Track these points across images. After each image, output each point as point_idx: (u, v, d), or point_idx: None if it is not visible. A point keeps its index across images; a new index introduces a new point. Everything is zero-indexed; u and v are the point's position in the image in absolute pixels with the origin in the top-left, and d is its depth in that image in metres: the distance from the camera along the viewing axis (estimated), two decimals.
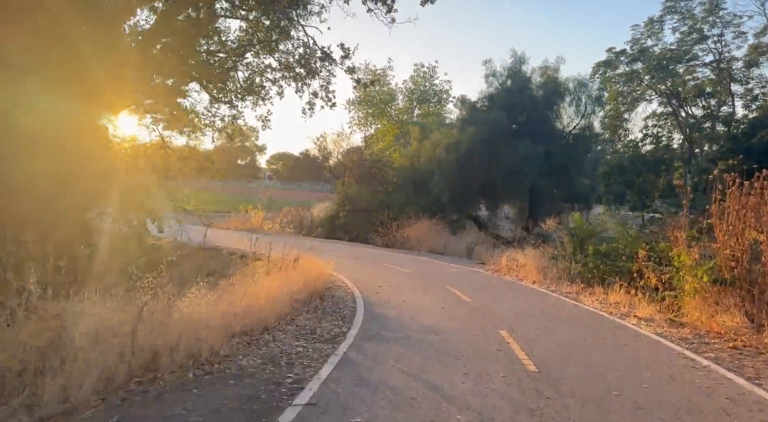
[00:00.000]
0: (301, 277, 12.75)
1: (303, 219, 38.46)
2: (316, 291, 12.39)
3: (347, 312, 10.96)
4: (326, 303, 11.89)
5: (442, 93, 44.91)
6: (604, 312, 12.13)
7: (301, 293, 11.50)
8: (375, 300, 12.61)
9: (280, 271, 13.16)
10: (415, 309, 11.54)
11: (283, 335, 8.39)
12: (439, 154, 33.02)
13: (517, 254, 19.77)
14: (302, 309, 10.62)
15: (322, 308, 11.17)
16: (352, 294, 13.19)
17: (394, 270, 18.68)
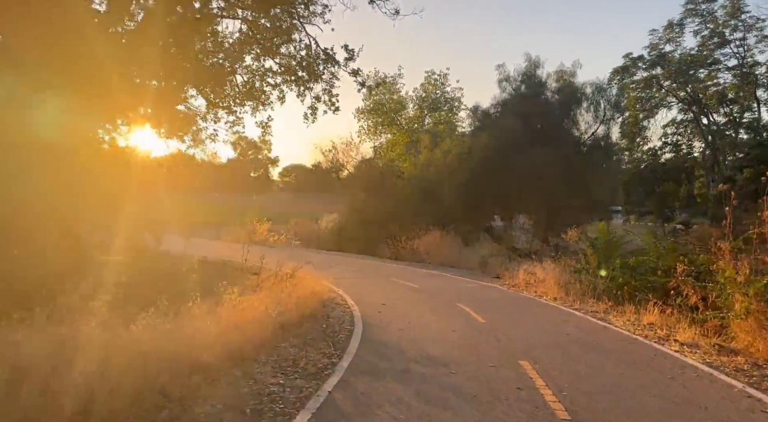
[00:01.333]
0: (293, 295, 11.37)
1: (310, 232, 37.21)
2: (309, 311, 10.98)
3: (342, 336, 9.52)
4: (319, 325, 10.45)
5: (454, 100, 43.60)
6: (638, 335, 10.57)
7: (291, 314, 10.09)
8: (376, 321, 11.17)
9: (272, 288, 11.80)
10: (421, 332, 10.08)
11: (259, 369, 6.96)
12: (451, 163, 31.61)
13: (536, 267, 18.21)
14: (289, 334, 9.19)
15: (313, 331, 9.74)
16: (351, 314, 11.76)
17: (400, 286, 17.23)
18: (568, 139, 33.02)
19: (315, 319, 10.71)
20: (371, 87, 19.71)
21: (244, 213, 41.34)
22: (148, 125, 21.88)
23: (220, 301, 8.84)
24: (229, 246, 32.30)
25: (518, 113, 31.54)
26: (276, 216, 42.59)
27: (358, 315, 11.63)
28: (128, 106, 19.25)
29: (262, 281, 13.11)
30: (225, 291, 9.05)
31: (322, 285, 15.96)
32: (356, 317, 11.36)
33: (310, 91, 20.40)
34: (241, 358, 7.11)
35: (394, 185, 34.16)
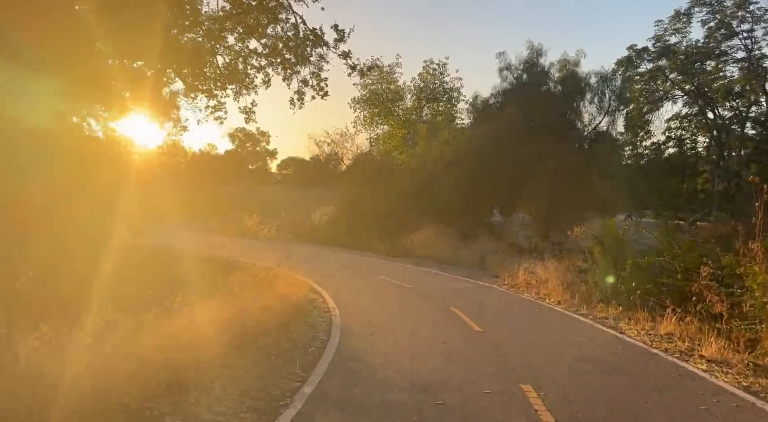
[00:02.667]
0: (266, 298, 10.02)
1: (304, 225, 35.80)
2: (281, 318, 9.60)
3: (314, 348, 8.16)
4: (290, 334, 9.07)
5: (453, 91, 42.05)
6: (657, 348, 9.22)
7: (258, 321, 8.73)
8: (357, 328, 9.80)
9: (243, 290, 10.43)
10: (408, 344, 8.71)
11: (197, 399, 5.58)
12: (448, 155, 30.26)
13: (537, 266, 16.86)
14: (250, 348, 7.81)
15: (280, 343, 8.36)
16: (330, 320, 10.39)
17: (391, 286, 15.87)
18: (571, 132, 31.70)
19: (286, 327, 9.33)
20: (363, 70, 18.22)
21: (237, 206, 40.00)
22: (131, 111, 20.63)
23: (169, 310, 7.49)
24: (215, 239, 30.91)
25: (519, 103, 30.16)
26: (271, 209, 41.23)
27: (337, 321, 10.26)
28: (106, 88, 17.98)
29: (232, 282, 11.75)
30: (177, 299, 7.66)
31: (303, 285, 14.62)
32: (335, 324, 9.98)
33: (297, 74, 18.99)
34: (176, 385, 5.72)
35: (389, 178, 32.76)
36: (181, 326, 6.84)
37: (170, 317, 6.84)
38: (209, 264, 16.70)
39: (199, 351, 6.58)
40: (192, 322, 7.12)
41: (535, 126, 30.61)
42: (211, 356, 6.70)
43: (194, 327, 7.09)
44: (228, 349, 7.20)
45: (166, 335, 6.28)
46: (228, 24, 18.17)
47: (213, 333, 7.18)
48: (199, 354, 6.50)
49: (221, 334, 7.31)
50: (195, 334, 6.95)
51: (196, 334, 6.95)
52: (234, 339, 7.58)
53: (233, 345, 7.45)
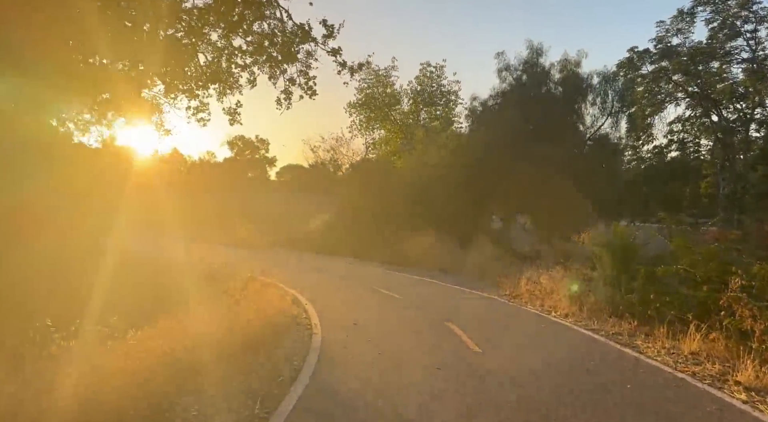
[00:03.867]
0: (234, 317, 8.83)
1: (299, 233, 34.64)
2: (251, 338, 8.38)
3: (283, 378, 6.94)
4: (258, 360, 7.84)
5: (451, 94, 40.92)
6: (683, 371, 8.01)
7: (222, 344, 7.53)
8: (338, 350, 8.58)
9: (216, 305, 9.25)
10: (394, 371, 7.50)
11: None
12: (446, 159, 29.10)
13: (541, 275, 15.67)
14: (207, 378, 6.59)
15: (241, 375, 7.13)
16: (309, 341, 9.16)
17: (383, 297, 14.65)
18: (573, 134, 30.58)
19: (255, 351, 8.10)
20: (353, 68, 17.10)
21: (234, 214, 38.92)
22: (110, 113, 19.64)
23: (114, 336, 6.32)
24: (205, 248, 29.73)
25: (519, 105, 29.06)
26: (268, 217, 40.15)
27: (317, 343, 9.04)
28: (83, 89, 17.00)
29: (204, 297, 10.58)
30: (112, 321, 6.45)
31: (287, 298, 13.44)
32: (313, 347, 8.76)
33: (284, 73, 17.91)
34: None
35: (386, 183, 31.60)
36: (123, 358, 5.63)
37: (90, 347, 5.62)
38: (187, 276, 15.54)
39: (139, 385, 5.35)
40: (139, 352, 5.91)
41: (536, 128, 29.54)
42: (149, 389, 5.48)
43: (140, 357, 5.89)
44: (173, 380, 5.98)
45: (110, 369, 5.07)
46: (210, 18, 17.10)
47: (152, 365, 5.96)
48: (132, 391, 5.28)
49: (162, 369, 6.09)
50: (140, 366, 5.76)
51: (141, 367, 5.75)
52: (187, 368, 6.36)
53: (183, 374, 6.23)
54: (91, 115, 18.83)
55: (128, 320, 8.10)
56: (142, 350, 6.06)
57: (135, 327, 7.09)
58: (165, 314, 8.58)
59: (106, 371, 5.23)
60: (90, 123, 19.26)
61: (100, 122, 19.14)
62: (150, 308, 9.78)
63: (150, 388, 5.49)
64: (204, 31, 17.55)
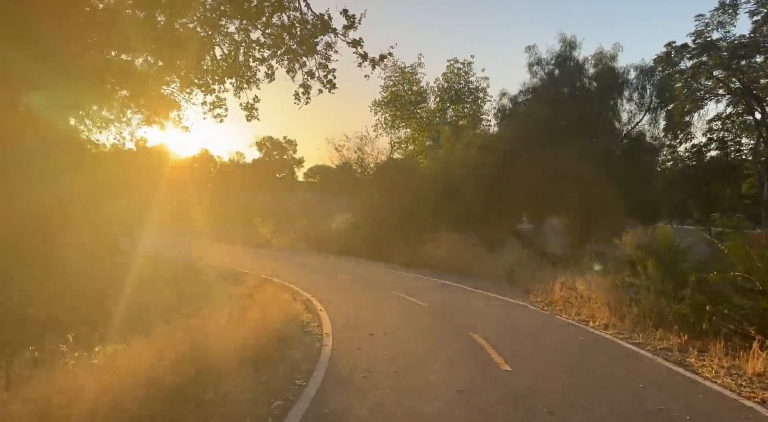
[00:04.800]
0: (238, 325, 7.94)
1: (321, 233, 33.87)
2: (250, 354, 7.45)
3: (281, 402, 6.00)
4: (259, 376, 6.90)
5: (479, 91, 39.64)
6: (749, 398, 6.82)
7: (217, 362, 6.63)
8: (348, 368, 7.58)
9: (214, 313, 8.40)
10: (411, 395, 6.49)
11: None
12: (474, 157, 27.91)
13: (576, 280, 14.46)
14: (196, 399, 5.69)
15: (239, 391, 6.22)
16: (317, 355, 8.20)
17: (403, 303, 13.64)
18: (608, 131, 29.08)
19: (256, 366, 7.19)
20: (375, 60, 16.18)
21: (259, 214, 38.45)
22: (129, 111, 19.24)
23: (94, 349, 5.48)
24: (226, 248, 29.18)
25: (550, 101, 27.72)
26: (292, 218, 39.55)
27: (325, 356, 8.07)
28: (101, 85, 16.64)
29: (213, 301, 9.76)
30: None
31: (300, 303, 12.57)
32: (322, 361, 7.81)
33: (303, 67, 17.13)
34: None
35: (410, 182, 30.56)
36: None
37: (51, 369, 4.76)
38: (201, 278, 14.83)
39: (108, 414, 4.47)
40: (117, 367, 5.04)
41: (568, 125, 28.15)
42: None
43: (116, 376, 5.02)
44: (150, 403, 5.09)
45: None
46: (227, 9, 16.43)
47: (124, 387, 5.08)
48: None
49: (140, 391, 5.21)
50: (115, 390, 4.89)
51: (115, 390, 4.88)
52: (167, 388, 5.47)
53: (164, 395, 5.34)
54: (110, 113, 18.39)
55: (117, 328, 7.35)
56: (112, 369, 5.19)
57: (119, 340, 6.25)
58: (170, 321, 7.79)
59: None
60: (109, 120, 18.82)
61: (119, 119, 18.68)
62: (154, 314, 9.05)
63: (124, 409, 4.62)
64: (221, 22, 16.93)
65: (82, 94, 16.38)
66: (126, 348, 5.85)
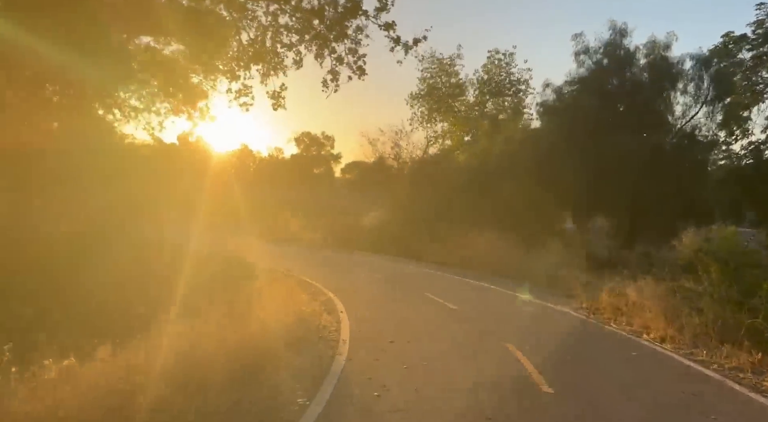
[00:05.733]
0: (246, 325, 6.99)
1: (351, 229, 32.97)
2: (252, 360, 6.48)
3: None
4: (251, 394, 5.90)
5: (520, 83, 37.97)
6: None
7: (214, 369, 5.69)
8: (363, 382, 6.45)
9: (225, 312, 7.49)
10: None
11: None
12: (514, 151, 26.52)
13: (626, 286, 13.00)
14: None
15: (221, 413, 5.22)
16: (329, 366, 7.13)
17: (433, 306, 12.48)
18: (659, 125, 27.17)
19: (255, 374, 6.19)
20: (408, 45, 15.03)
21: (291, 210, 37.94)
22: (158, 101, 18.76)
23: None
24: (254, 243, 28.62)
25: (598, 92, 26.06)
26: (325, 213, 38.89)
27: (338, 367, 6.99)
28: (128, 72, 16.25)
29: (227, 297, 8.88)
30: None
31: (320, 303, 11.60)
32: (332, 373, 6.70)
33: (332, 53, 16.15)
34: None
35: (445, 178, 29.33)
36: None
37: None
38: (222, 271, 14.04)
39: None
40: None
41: (616, 118, 26.45)
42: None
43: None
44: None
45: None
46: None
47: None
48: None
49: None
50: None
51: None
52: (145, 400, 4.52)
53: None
54: (140, 102, 17.91)
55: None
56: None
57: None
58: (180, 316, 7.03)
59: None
60: (138, 110, 18.33)
61: (149, 109, 18.17)
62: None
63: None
64: (248, 5, 16.16)
65: (111, 81, 15.95)
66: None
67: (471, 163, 30.04)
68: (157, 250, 14.92)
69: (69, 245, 10.59)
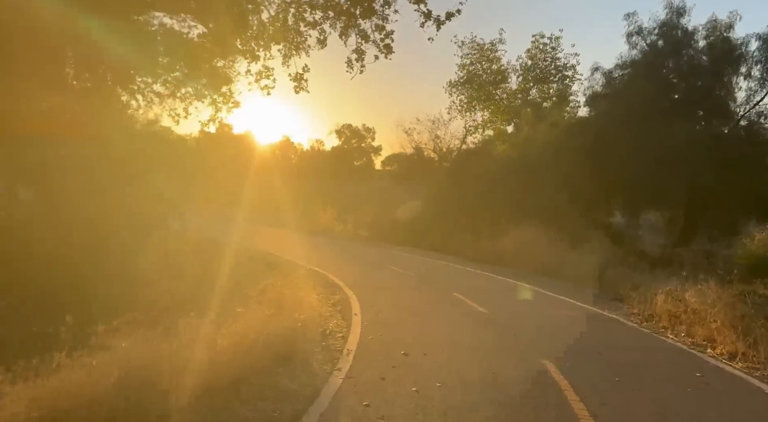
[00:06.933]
0: (237, 330, 5.86)
1: (385, 222, 31.80)
2: (229, 375, 5.35)
3: None
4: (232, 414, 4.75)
5: (567, 69, 35.79)
6: None
7: (180, 384, 4.59)
8: (356, 414, 5.24)
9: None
10: None
11: None
12: (558, 139, 24.73)
13: (686, 290, 11.30)
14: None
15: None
16: (322, 385, 5.87)
17: (462, 309, 11.13)
18: (719, 112, 24.86)
19: (226, 397, 5.06)
20: (439, 20, 13.66)
21: (326, 202, 37.11)
22: (183, 88, 18.15)
23: None
24: (285, 235, 27.85)
25: (652, 76, 23.97)
26: (360, 205, 37.94)
27: (331, 389, 5.66)
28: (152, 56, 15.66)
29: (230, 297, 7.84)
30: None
31: (335, 302, 10.46)
32: (322, 397, 5.40)
33: (357, 31, 14.94)
34: None
35: (484, 169, 27.75)
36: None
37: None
38: (240, 264, 13.14)
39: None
40: None
41: (672, 104, 24.33)
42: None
43: None
44: None
45: None
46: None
47: None
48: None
49: None
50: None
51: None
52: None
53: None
54: (165, 88, 17.20)
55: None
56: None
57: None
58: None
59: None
60: (162, 96, 17.62)
61: (174, 95, 17.44)
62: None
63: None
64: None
65: (135, 66, 15.31)
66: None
67: (512, 153, 28.35)
68: (180, 244, 14.20)
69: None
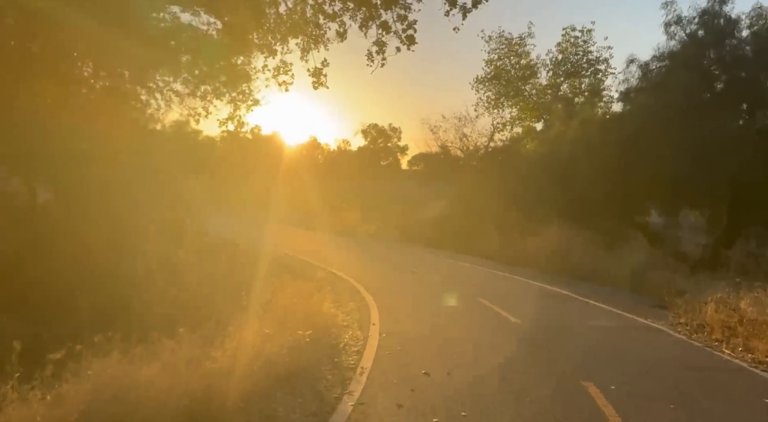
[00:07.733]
0: (238, 348, 5.18)
1: (412, 223, 31.04)
2: (214, 402, 4.66)
3: None
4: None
5: (599, 62, 34.38)
6: None
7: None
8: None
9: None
10: None
11: None
12: (591, 136, 23.56)
13: (739, 297, 10.23)
14: None
15: None
16: (330, 410, 5.14)
17: (489, 318, 10.26)
18: (766, 103, 23.43)
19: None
20: (466, 8, 12.79)
21: (351, 203, 36.57)
22: (203, 86, 17.75)
23: None
24: (309, 236, 27.30)
25: (692, 68, 22.58)
26: (387, 205, 37.34)
27: (338, 419, 5.03)
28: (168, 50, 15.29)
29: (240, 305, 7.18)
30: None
31: (353, 310, 9.73)
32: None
33: (378, 20, 14.17)
34: None
35: (512, 168, 26.75)
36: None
37: None
38: (256, 268, 12.48)
39: None
40: None
41: (713, 97, 22.96)
42: None
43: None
44: None
45: None
46: None
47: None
48: None
49: None
50: None
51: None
52: None
53: None
54: (185, 86, 16.80)
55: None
56: None
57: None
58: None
59: None
60: (182, 95, 17.23)
61: (194, 94, 17.01)
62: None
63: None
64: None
65: (155, 64, 14.94)
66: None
67: (542, 151, 27.25)
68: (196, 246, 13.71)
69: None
